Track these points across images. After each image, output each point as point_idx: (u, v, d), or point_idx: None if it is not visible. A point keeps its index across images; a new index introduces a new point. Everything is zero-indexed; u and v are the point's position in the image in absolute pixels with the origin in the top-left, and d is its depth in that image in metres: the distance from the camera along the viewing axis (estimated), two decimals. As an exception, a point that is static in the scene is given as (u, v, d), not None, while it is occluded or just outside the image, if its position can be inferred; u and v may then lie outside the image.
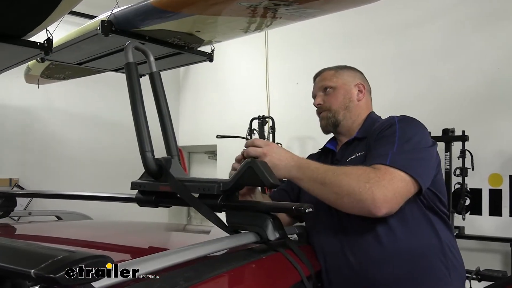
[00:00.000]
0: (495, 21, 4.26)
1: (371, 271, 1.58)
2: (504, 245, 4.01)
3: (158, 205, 1.57)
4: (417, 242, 1.59)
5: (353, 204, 1.47)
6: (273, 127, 5.17)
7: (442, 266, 1.58)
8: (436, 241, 1.61)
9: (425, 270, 1.57)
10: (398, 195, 1.48)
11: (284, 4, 2.39)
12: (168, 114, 1.67)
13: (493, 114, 4.19)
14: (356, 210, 1.49)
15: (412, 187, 1.52)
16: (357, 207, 1.47)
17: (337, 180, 1.49)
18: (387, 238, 1.57)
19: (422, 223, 1.61)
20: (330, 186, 1.50)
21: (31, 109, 5.66)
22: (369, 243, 1.60)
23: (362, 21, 4.90)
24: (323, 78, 1.94)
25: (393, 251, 1.57)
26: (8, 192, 2.15)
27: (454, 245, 1.67)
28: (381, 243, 1.57)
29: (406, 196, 1.51)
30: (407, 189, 1.51)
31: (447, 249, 1.61)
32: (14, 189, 5.34)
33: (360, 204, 1.45)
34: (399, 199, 1.48)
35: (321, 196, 1.53)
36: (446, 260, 1.59)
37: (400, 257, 1.57)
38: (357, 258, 1.61)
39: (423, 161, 1.59)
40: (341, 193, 1.48)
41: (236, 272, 1.14)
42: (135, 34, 2.84)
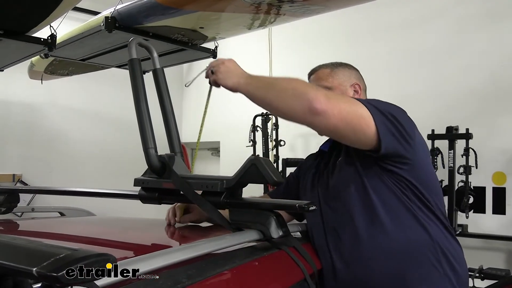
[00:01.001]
0: (500, 19, 4.25)
1: (358, 271, 1.56)
2: (508, 244, 4.01)
3: (161, 202, 1.57)
4: (403, 239, 1.53)
5: (294, 98, 1.45)
6: (277, 124, 5.17)
7: (431, 264, 1.53)
8: (424, 238, 1.54)
9: (413, 267, 1.53)
10: (344, 111, 1.43)
11: (288, 1, 2.39)
12: (171, 111, 1.67)
13: (497, 112, 4.18)
14: (295, 105, 1.46)
15: (367, 127, 1.44)
16: (297, 101, 1.44)
17: (286, 81, 1.52)
18: (371, 236, 1.55)
19: (407, 220, 1.55)
20: (278, 86, 1.52)
21: (35, 105, 5.67)
22: (353, 243, 1.57)
23: (365, 19, 4.89)
24: (319, 77, 1.86)
25: (377, 249, 1.54)
26: (11, 188, 2.15)
27: (447, 243, 1.59)
28: (364, 242, 1.55)
29: (354, 122, 1.43)
30: (359, 117, 1.44)
31: (437, 246, 1.54)
32: (17, 184, 5.35)
33: (302, 97, 1.43)
34: (344, 113, 1.42)
35: (265, 97, 1.53)
36: (438, 257, 1.53)
37: (385, 255, 1.53)
38: (343, 258, 1.58)
39: (395, 121, 1.50)
40: (286, 89, 1.49)
41: (239, 270, 1.13)
42: (138, 30, 2.84)
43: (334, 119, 1.42)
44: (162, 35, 2.97)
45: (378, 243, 1.54)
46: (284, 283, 1.30)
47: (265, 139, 5.22)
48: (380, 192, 1.56)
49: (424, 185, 1.59)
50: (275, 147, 5.18)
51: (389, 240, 1.53)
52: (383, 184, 1.56)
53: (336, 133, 1.49)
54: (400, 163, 1.54)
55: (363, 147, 1.52)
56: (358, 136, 1.47)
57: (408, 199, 1.55)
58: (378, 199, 1.55)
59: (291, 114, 1.50)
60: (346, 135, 1.48)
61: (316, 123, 1.45)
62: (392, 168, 1.55)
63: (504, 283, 2.81)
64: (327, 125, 1.44)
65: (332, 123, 1.42)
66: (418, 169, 1.59)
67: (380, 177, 1.56)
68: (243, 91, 1.58)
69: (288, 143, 5.22)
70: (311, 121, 1.45)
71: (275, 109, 1.56)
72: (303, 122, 1.49)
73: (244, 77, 1.60)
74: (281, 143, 5.18)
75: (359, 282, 1.56)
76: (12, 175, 5.43)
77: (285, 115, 1.55)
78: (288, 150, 5.33)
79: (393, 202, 1.55)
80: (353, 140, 1.51)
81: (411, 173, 1.56)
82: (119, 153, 6.08)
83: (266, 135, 5.22)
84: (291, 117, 1.52)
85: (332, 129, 1.46)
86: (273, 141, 5.20)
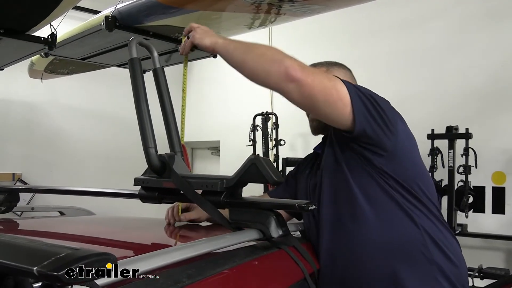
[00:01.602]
0: (500, 19, 4.25)
1: (349, 269, 1.56)
2: (507, 243, 4.02)
3: (161, 201, 1.57)
4: (390, 233, 1.52)
5: (271, 63, 1.46)
6: (277, 124, 5.17)
7: (423, 256, 1.50)
8: (412, 229, 1.52)
9: (402, 260, 1.50)
10: (320, 82, 1.44)
11: (289, 1, 2.39)
12: (171, 110, 1.68)
13: (497, 112, 4.19)
14: (272, 70, 1.46)
15: (341, 103, 1.44)
16: (274, 67, 1.45)
17: (265, 47, 1.53)
18: (358, 232, 1.54)
19: (393, 213, 1.53)
20: (256, 50, 1.53)
21: (35, 104, 5.67)
22: (341, 240, 1.57)
23: (365, 19, 4.89)
24: None
25: (366, 246, 1.53)
26: (11, 187, 2.15)
27: (438, 233, 1.56)
28: (352, 238, 1.55)
29: (328, 95, 1.44)
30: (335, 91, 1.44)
31: (427, 237, 1.52)
32: (17, 184, 5.36)
33: (279, 62, 1.44)
34: (319, 85, 1.43)
35: (243, 59, 1.54)
36: (428, 247, 1.51)
37: (374, 251, 1.52)
38: (334, 256, 1.58)
39: (374, 103, 1.49)
40: (265, 53, 1.50)
41: (239, 269, 1.13)
42: (139, 29, 2.84)
43: (308, 88, 1.42)
44: (163, 35, 2.96)
45: (366, 239, 1.53)
46: (284, 282, 1.31)
47: (265, 139, 5.23)
48: (363, 185, 1.55)
49: (409, 174, 1.57)
50: (275, 147, 5.18)
51: (377, 235, 1.52)
52: (367, 176, 1.54)
53: (310, 105, 1.48)
54: (380, 148, 1.52)
55: (338, 124, 1.51)
56: (332, 110, 1.46)
57: (392, 189, 1.53)
58: (361, 192, 1.54)
59: (266, 78, 1.49)
60: (320, 108, 1.47)
61: (289, 89, 1.44)
62: (373, 157, 1.53)
63: (504, 283, 2.82)
64: (300, 93, 1.43)
65: (306, 92, 1.42)
66: (402, 158, 1.57)
67: (364, 169, 1.55)
68: (220, 50, 1.60)
69: (288, 142, 5.23)
70: (285, 87, 1.45)
71: (250, 72, 1.54)
72: (277, 88, 1.48)
73: (222, 37, 1.63)
74: (281, 142, 5.18)
75: (351, 279, 1.55)
76: (12, 174, 5.43)
77: (260, 79, 1.53)
78: (288, 150, 5.34)
79: (378, 194, 1.54)
80: (327, 115, 1.49)
81: (395, 161, 1.54)
82: (119, 152, 6.08)
83: (266, 135, 5.22)
84: (266, 82, 1.51)
85: (306, 99, 1.45)
86: (273, 140, 5.20)
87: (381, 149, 1.52)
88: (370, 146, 1.52)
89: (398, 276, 1.49)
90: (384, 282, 1.50)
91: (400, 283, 1.48)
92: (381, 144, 1.51)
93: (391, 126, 1.51)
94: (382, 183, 1.53)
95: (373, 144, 1.51)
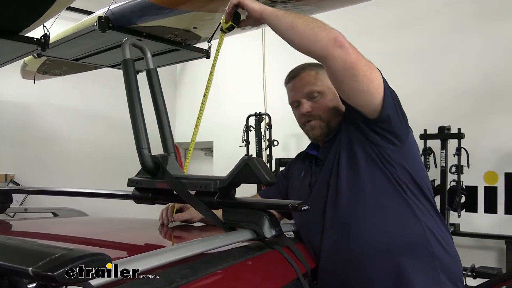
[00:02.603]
0: (491, 19, 4.27)
1: (351, 269, 1.57)
2: (499, 242, 4.03)
3: (154, 202, 1.57)
4: (395, 232, 1.54)
5: (322, 29, 1.51)
6: (270, 124, 5.18)
7: (426, 253, 1.53)
8: (416, 226, 1.55)
9: (408, 258, 1.52)
10: (363, 58, 1.52)
11: (282, 2, 2.39)
12: (165, 111, 1.68)
13: (489, 112, 4.21)
14: (322, 35, 1.50)
15: (376, 82, 1.54)
16: (324, 32, 1.50)
17: (314, 19, 1.56)
18: (363, 234, 1.56)
19: (399, 210, 1.56)
20: (306, 17, 1.56)
21: (28, 104, 5.65)
22: (343, 242, 1.59)
23: (358, 19, 4.89)
24: (306, 82, 1.79)
25: (369, 246, 1.55)
26: (3, 188, 2.15)
27: (441, 232, 1.59)
28: (356, 240, 1.57)
29: (367, 72, 1.51)
30: (373, 71, 1.54)
31: (431, 234, 1.55)
32: (10, 185, 5.33)
33: (329, 30, 1.50)
34: (361, 59, 1.51)
35: (292, 24, 1.55)
36: (431, 245, 1.54)
37: (379, 251, 1.54)
38: (336, 257, 1.59)
39: (397, 98, 1.62)
40: (316, 21, 1.53)
41: (232, 269, 1.14)
42: (132, 30, 2.84)
43: (353, 59, 1.48)
44: (156, 35, 2.97)
45: (369, 237, 1.55)
46: (277, 282, 1.31)
47: (258, 139, 5.23)
48: (372, 180, 1.58)
49: (419, 170, 1.65)
50: (268, 147, 5.19)
51: (380, 234, 1.54)
52: (377, 171, 1.58)
53: (350, 76, 1.51)
54: (396, 137, 1.58)
55: (365, 104, 1.56)
56: (368, 88, 1.52)
57: (401, 183, 1.57)
58: (369, 187, 1.58)
59: (315, 42, 1.51)
60: (358, 82, 1.51)
61: (336, 55, 1.47)
62: (387, 145, 1.58)
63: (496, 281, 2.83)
64: (344, 62, 1.48)
65: (350, 62, 1.48)
66: (412, 153, 1.66)
67: (376, 163, 1.58)
68: (270, 14, 1.60)
69: (281, 143, 5.23)
70: (332, 52, 1.48)
71: (299, 35, 1.54)
72: (324, 52, 1.50)
73: (268, 5, 1.64)
74: (274, 143, 5.19)
75: (353, 277, 1.57)
76: (5, 175, 5.41)
77: (308, 43, 1.53)
78: (281, 150, 5.34)
79: (385, 189, 1.57)
80: (361, 92, 1.53)
81: (408, 154, 1.62)
82: (112, 153, 6.06)
83: (260, 135, 5.23)
84: (314, 45, 1.52)
85: (347, 69, 1.49)
86: (266, 141, 5.20)
87: (397, 139, 1.58)
88: (388, 133, 1.57)
89: (403, 271, 1.50)
90: (388, 278, 1.52)
91: (404, 278, 1.50)
92: (398, 133, 1.58)
93: (407, 121, 1.63)
94: (391, 177, 1.57)
95: (391, 131, 1.57)
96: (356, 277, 1.57)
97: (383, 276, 1.53)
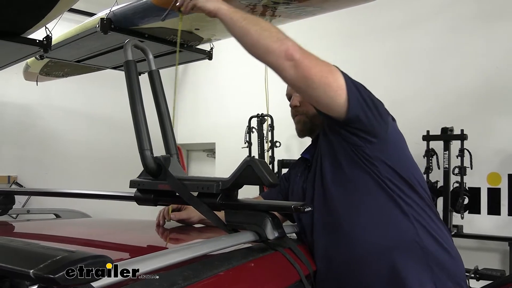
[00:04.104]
0: (494, 20, 4.27)
1: (345, 272, 1.55)
2: (503, 244, 4.02)
3: (156, 203, 1.57)
4: (386, 232, 1.52)
5: (275, 39, 1.46)
6: (272, 125, 5.17)
7: (417, 248, 1.50)
8: (405, 223, 1.51)
9: (400, 257, 1.49)
10: (317, 65, 1.46)
11: (284, 3, 2.39)
12: (167, 112, 1.68)
13: (492, 113, 4.20)
14: (274, 46, 1.46)
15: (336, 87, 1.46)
16: (276, 43, 1.46)
17: (269, 24, 1.53)
18: (354, 238, 1.54)
19: (387, 208, 1.53)
20: (262, 24, 1.52)
21: (30, 106, 5.66)
22: (336, 244, 1.57)
23: (360, 20, 4.90)
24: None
25: (361, 248, 1.53)
26: (6, 190, 2.15)
27: (435, 227, 1.55)
28: (347, 243, 1.55)
29: (324, 79, 1.45)
30: (332, 76, 1.47)
31: (423, 230, 1.51)
32: (13, 186, 5.34)
33: (282, 41, 1.46)
34: (316, 67, 1.45)
35: (246, 31, 1.52)
36: (422, 240, 1.50)
37: (370, 252, 1.52)
38: (330, 260, 1.58)
39: (367, 92, 1.54)
40: (269, 29, 1.50)
41: (234, 271, 1.14)
42: (134, 31, 2.84)
43: (305, 69, 1.43)
44: (158, 37, 2.97)
45: (360, 239, 1.53)
46: (279, 284, 1.31)
47: (260, 140, 5.23)
48: (356, 181, 1.56)
49: (405, 164, 1.59)
50: (271, 148, 5.18)
51: (370, 235, 1.52)
52: (360, 171, 1.55)
53: (305, 85, 1.48)
54: (371, 134, 1.53)
55: (330, 109, 1.51)
56: (327, 93, 1.46)
57: (386, 181, 1.53)
58: (354, 188, 1.56)
59: (266, 53, 1.49)
60: (314, 89, 1.47)
61: (286, 67, 1.45)
62: (364, 144, 1.53)
63: (500, 284, 2.82)
64: (296, 73, 1.44)
65: (302, 72, 1.44)
66: (394, 147, 1.60)
67: (357, 162, 1.55)
68: (224, 16, 1.58)
69: (283, 144, 5.23)
70: (282, 64, 1.45)
71: (251, 44, 1.52)
72: (275, 64, 1.48)
73: (226, 4, 1.60)
74: (277, 144, 5.18)
75: (347, 280, 1.55)
76: (7, 176, 5.42)
77: (259, 52, 1.51)
78: (283, 151, 5.34)
79: (371, 189, 1.54)
80: (321, 98, 1.50)
81: (389, 149, 1.56)
82: (114, 154, 6.07)
83: (262, 136, 5.23)
84: (265, 56, 1.50)
85: (301, 79, 1.46)
86: (268, 142, 5.20)
87: (373, 136, 1.53)
88: (362, 132, 1.52)
89: (397, 271, 1.48)
90: (384, 280, 1.50)
91: (399, 278, 1.47)
92: (372, 130, 1.53)
93: (383, 115, 1.55)
94: (374, 175, 1.53)
95: (365, 130, 1.52)
96: (352, 279, 1.55)
97: (378, 278, 1.51)
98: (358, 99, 1.48)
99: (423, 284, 1.47)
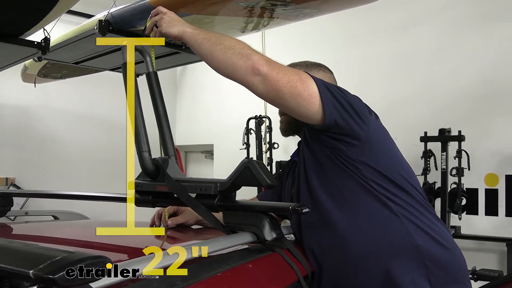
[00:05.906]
0: (491, 21, 4.28)
1: (335, 276, 1.55)
2: (500, 245, 4.03)
3: (155, 205, 1.58)
4: (376, 234, 1.50)
5: (240, 56, 1.46)
6: (270, 127, 5.18)
7: (408, 245, 1.48)
8: (395, 222, 1.49)
9: (392, 256, 1.48)
10: (286, 76, 1.44)
11: (282, 4, 2.39)
12: (165, 114, 1.68)
13: (489, 114, 4.21)
14: (240, 63, 1.46)
15: (309, 96, 1.44)
16: (242, 60, 1.45)
17: (234, 41, 1.52)
18: (344, 243, 1.52)
19: (373, 209, 1.51)
20: (226, 42, 1.51)
21: (28, 108, 5.64)
22: (328, 251, 1.56)
23: (358, 21, 4.90)
24: None
25: (355, 254, 1.52)
26: (4, 192, 2.14)
27: (427, 221, 1.53)
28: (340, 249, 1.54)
29: (295, 89, 1.44)
30: (302, 85, 1.45)
31: (412, 225, 1.49)
32: (11, 188, 5.33)
33: (247, 57, 1.45)
34: (284, 78, 1.44)
35: (210, 52, 1.52)
36: (412, 237, 1.48)
37: (365, 259, 1.50)
38: (321, 264, 1.57)
39: (342, 95, 1.50)
40: (233, 47, 1.49)
41: (233, 272, 1.14)
42: (132, 33, 2.84)
43: (273, 82, 1.43)
44: (156, 38, 2.96)
45: (347, 242, 1.52)
46: (278, 285, 1.31)
47: (258, 142, 5.24)
48: (340, 184, 1.54)
49: (390, 163, 1.57)
50: (269, 150, 5.19)
51: (363, 242, 1.51)
52: (343, 174, 1.53)
53: (276, 98, 1.47)
54: (352, 137, 1.51)
55: (306, 117, 1.50)
56: (299, 102, 1.45)
57: (371, 182, 1.51)
58: (339, 192, 1.55)
59: (233, 72, 1.49)
60: (286, 101, 1.46)
61: (255, 83, 1.44)
62: (346, 148, 1.51)
63: (497, 284, 2.82)
64: (265, 87, 1.44)
65: (271, 85, 1.43)
66: (378, 147, 1.57)
67: (339, 166, 1.53)
68: (189, 40, 1.59)
69: (281, 145, 5.23)
70: (250, 80, 1.45)
71: (217, 65, 1.53)
72: (244, 81, 1.48)
73: (190, 26, 1.61)
74: (275, 145, 5.19)
75: (338, 284, 1.55)
76: (5, 178, 5.40)
77: (226, 72, 1.51)
78: (281, 153, 5.34)
79: (355, 192, 1.52)
80: (295, 108, 1.48)
81: (372, 150, 1.54)
82: (113, 156, 6.05)
83: (260, 138, 5.23)
84: (233, 74, 1.50)
85: (271, 92, 1.45)
86: (266, 143, 5.21)
87: (354, 139, 1.51)
88: (342, 136, 1.51)
89: (391, 274, 1.47)
90: (375, 282, 1.49)
91: (393, 280, 1.46)
92: (353, 133, 1.50)
93: (362, 116, 1.52)
94: (358, 178, 1.52)
95: (345, 134, 1.50)
96: (344, 285, 1.54)
97: (371, 282, 1.50)
98: (334, 104, 1.46)
99: (415, 282, 1.46)
